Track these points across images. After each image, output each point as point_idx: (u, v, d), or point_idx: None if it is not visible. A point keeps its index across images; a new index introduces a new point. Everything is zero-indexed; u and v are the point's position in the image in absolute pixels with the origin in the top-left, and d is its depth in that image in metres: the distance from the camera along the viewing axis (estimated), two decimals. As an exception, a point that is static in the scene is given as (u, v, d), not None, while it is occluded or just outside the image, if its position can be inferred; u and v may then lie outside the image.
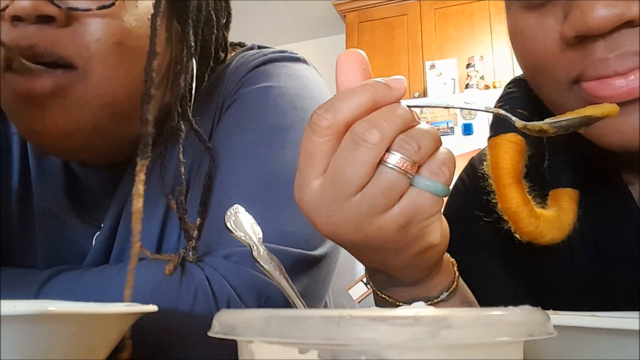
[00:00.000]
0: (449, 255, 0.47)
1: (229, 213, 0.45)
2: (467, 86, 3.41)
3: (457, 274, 0.47)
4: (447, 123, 3.16)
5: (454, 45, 3.59)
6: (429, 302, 0.45)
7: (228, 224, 0.44)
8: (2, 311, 0.28)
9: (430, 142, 0.38)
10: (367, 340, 0.21)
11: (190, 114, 0.61)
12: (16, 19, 0.50)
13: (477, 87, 3.36)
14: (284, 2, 3.82)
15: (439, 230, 0.40)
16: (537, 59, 0.47)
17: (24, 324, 0.30)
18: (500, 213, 0.52)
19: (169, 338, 0.53)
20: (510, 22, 0.50)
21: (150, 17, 0.53)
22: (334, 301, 0.87)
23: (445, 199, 0.61)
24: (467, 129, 3.08)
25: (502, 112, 0.40)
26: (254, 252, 0.42)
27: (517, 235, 0.51)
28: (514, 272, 0.60)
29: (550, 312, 0.39)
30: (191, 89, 0.61)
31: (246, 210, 0.45)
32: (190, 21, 0.60)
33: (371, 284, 0.47)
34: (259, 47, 0.74)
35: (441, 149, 0.39)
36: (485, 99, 3.09)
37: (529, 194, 0.52)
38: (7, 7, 0.50)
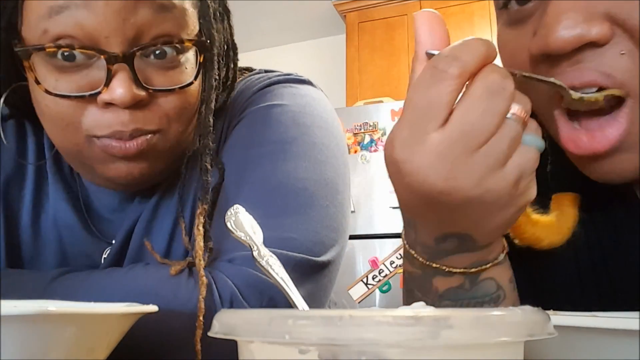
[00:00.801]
0: None
1: (229, 213, 0.45)
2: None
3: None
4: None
5: (454, 45, 3.59)
6: (490, 264, 0.45)
7: (228, 224, 0.44)
8: (2, 311, 0.28)
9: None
10: (368, 340, 0.21)
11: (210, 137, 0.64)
12: (109, 104, 0.54)
13: (477, 87, 3.36)
14: (284, 2, 3.82)
15: (535, 186, 0.41)
16: None
17: (24, 324, 0.30)
18: None
19: (171, 337, 0.53)
20: (497, 35, 0.51)
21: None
22: (335, 302, 0.87)
23: None
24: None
25: (558, 82, 0.41)
26: (254, 252, 0.42)
27: (516, 241, 0.52)
28: (519, 274, 0.60)
29: (550, 312, 0.38)
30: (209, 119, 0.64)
31: None
32: (216, 57, 0.63)
33: (421, 256, 0.45)
34: (266, 71, 0.76)
35: None
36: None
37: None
38: (96, 92, 0.54)
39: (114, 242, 0.67)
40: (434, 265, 0.45)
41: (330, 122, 0.70)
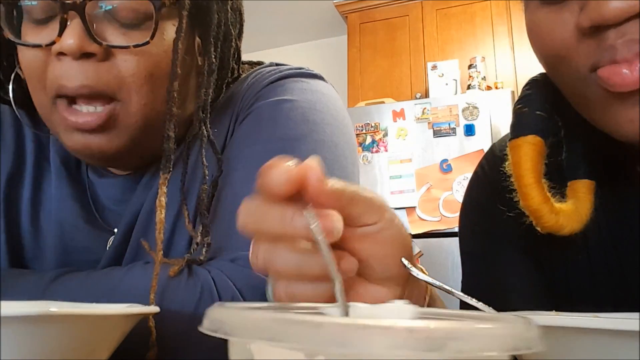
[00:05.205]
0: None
1: None
2: (469, 87, 3.40)
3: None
4: (449, 124, 3.16)
5: (455, 46, 3.58)
6: None
7: None
8: (2, 312, 0.28)
9: None
10: (375, 348, 0.20)
11: (209, 124, 0.63)
12: (61, 54, 0.54)
13: (479, 88, 3.35)
14: (285, 2, 3.82)
15: None
16: (555, 50, 0.49)
17: (25, 324, 0.30)
18: (522, 209, 0.54)
19: (172, 337, 0.53)
20: (528, 19, 0.52)
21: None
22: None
23: (466, 187, 0.69)
24: (469, 130, 3.08)
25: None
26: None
27: (539, 229, 0.53)
28: (531, 265, 0.61)
29: (552, 312, 0.39)
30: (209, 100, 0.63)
31: None
32: (211, 39, 0.62)
33: None
34: (277, 65, 0.75)
35: None
36: (487, 100, 3.08)
37: (549, 191, 0.54)
38: (53, 43, 0.54)
39: (116, 230, 0.66)
40: None
41: (340, 119, 0.69)
